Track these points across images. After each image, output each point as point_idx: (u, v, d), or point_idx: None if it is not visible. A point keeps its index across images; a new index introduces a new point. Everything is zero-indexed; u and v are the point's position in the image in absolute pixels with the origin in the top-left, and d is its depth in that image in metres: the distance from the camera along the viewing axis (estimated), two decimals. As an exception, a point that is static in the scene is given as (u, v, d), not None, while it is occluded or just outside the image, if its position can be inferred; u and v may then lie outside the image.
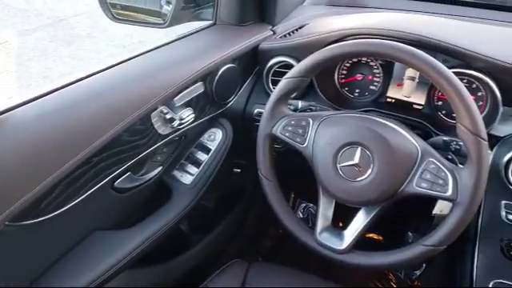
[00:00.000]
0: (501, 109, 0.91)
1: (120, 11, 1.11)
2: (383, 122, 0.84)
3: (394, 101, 1.08)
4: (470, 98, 0.73)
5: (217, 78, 1.05)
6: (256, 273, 1.02)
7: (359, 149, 0.81)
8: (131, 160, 0.91)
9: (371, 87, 1.10)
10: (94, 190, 0.84)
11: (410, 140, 0.80)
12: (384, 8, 1.29)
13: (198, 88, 1.02)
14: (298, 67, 0.85)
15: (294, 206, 1.68)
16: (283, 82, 0.87)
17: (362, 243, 0.86)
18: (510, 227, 0.91)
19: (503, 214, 0.91)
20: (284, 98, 0.88)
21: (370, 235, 1.68)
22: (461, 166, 0.79)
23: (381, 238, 1.65)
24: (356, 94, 1.12)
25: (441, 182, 0.75)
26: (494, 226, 0.93)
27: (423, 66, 0.76)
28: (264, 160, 0.91)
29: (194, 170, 1.09)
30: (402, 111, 1.04)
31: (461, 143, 0.85)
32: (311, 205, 1.61)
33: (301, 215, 1.66)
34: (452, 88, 0.74)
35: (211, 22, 1.21)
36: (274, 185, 0.91)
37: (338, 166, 0.82)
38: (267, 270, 1.06)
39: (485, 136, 0.73)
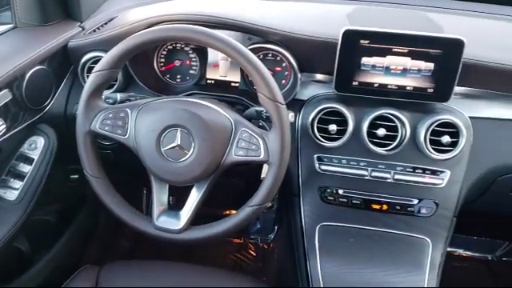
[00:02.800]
0: (299, 75, 1.03)
1: None
2: (198, 102, 0.88)
3: (213, 82, 1.14)
4: (264, 69, 0.82)
5: (25, 82, 0.98)
6: (108, 273, 1.00)
7: (179, 130, 0.84)
8: None
9: (191, 71, 1.15)
10: None
11: (223, 114, 0.87)
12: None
13: (4, 96, 0.94)
14: (105, 60, 0.85)
15: (148, 202, 1.68)
16: (92, 77, 0.86)
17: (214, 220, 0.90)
18: (324, 176, 1.05)
19: (316, 165, 1.04)
20: (96, 92, 0.87)
21: (227, 212, 1.78)
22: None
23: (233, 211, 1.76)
24: (178, 80, 1.15)
25: (254, 147, 0.83)
26: (311, 177, 1.06)
27: (220, 45, 0.82)
28: (87, 158, 0.89)
29: (17, 184, 1.02)
30: (222, 90, 1.11)
31: None
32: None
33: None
34: (247, 62, 0.81)
35: (12, 25, 1.12)
36: (103, 182, 0.90)
37: (162, 150, 0.85)
38: (121, 269, 1.05)
39: (282, 101, 0.82)
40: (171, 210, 0.91)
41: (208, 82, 1.14)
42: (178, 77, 1.15)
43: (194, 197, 0.89)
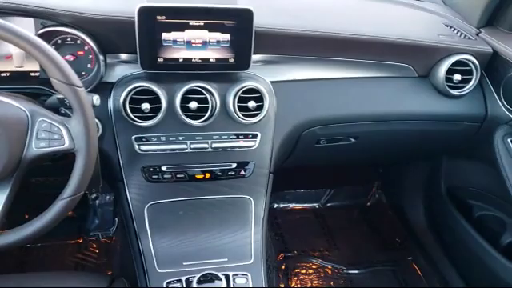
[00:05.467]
0: (101, 57, 0.99)
1: None
2: None
3: (8, 74, 1.03)
4: (51, 52, 0.77)
5: None
6: None
7: None
8: None
9: None
10: None
11: (16, 106, 0.79)
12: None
13: None
14: None
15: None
16: None
17: None
18: (145, 156, 1.05)
19: (136, 146, 1.04)
20: None
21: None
22: None
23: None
24: None
25: (56, 136, 0.78)
26: (132, 159, 1.05)
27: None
28: None
29: None
30: (20, 82, 1.01)
31: None
32: None
33: None
34: (32, 47, 0.75)
35: None
36: None
37: None
38: None
39: (78, 83, 0.79)
40: None
41: (2, 75, 1.03)
42: None
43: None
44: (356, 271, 1.74)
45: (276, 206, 2.03)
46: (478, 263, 1.40)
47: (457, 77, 1.19)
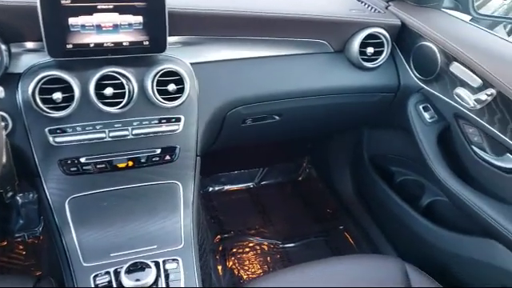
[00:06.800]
0: (3, 46, 0.93)
1: None
2: None
3: None
4: None
5: None
6: None
7: None
8: None
9: None
10: None
11: None
12: None
13: None
14: None
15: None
16: None
17: None
18: (61, 148, 1.00)
19: (50, 139, 0.98)
20: None
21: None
22: None
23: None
24: None
25: None
26: (48, 152, 0.99)
27: None
28: None
29: None
30: None
31: None
32: None
33: None
34: None
35: None
36: None
37: None
38: None
39: None
40: None
41: None
42: None
43: None
44: (291, 244, 1.79)
45: (211, 189, 2.04)
46: (402, 226, 1.50)
47: (370, 50, 1.24)
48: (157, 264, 0.96)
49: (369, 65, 1.26)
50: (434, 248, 1.36)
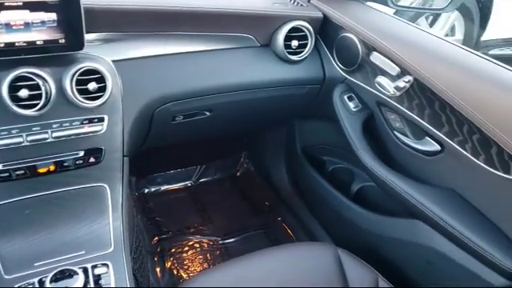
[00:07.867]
0: None
1: None
2: None
3: None
4: None
5: None
6: None
7: None
8: None
9: None
10: None
11: None
12: None
13: None
14: None
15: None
16: None
17: None
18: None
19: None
20: None
21: None
22: None
23: None
24: None
25: None
26: None
27: None
28: None
29: None
30: None
31: None
32: None
33: None
34: None
35: None
36: None
37: None
38: None
39: None
40: None
41: None
42: None
43: None
44: (231, 240, 1.79)
45: (147, 190, 1.99)
46: (336, 213, 1.55)
47: (294, 43, 1.27)
48: (85, 270, 0.93)
49: (294, 58, 1.29)
50: (365, 232, 1.42)
